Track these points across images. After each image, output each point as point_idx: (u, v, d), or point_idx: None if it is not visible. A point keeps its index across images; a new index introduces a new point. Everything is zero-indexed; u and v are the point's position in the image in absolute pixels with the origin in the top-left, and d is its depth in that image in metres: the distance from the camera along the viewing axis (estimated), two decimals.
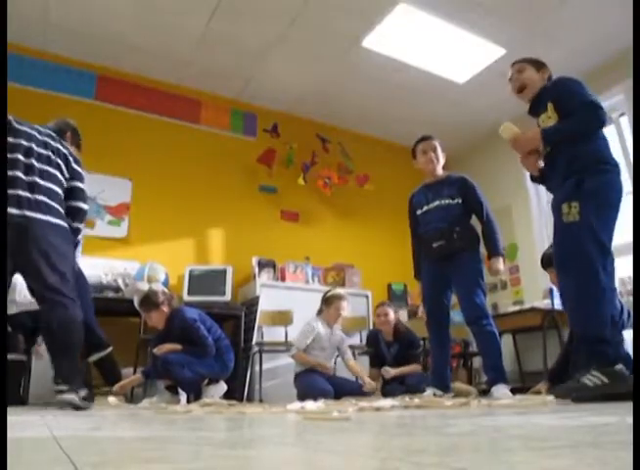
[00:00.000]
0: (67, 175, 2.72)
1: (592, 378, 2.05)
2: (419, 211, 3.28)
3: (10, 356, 3.02)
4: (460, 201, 3.15)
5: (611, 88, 4.68)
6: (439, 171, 3.29)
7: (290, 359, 3.88)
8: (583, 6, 4.09)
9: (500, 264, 3.08)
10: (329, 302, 3.87)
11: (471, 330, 3.07)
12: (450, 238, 3.07)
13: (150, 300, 3.41)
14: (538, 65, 2.64)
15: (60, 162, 2.69)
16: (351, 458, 0.72)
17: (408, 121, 5.82)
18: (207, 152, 5.22)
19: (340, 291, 3.99)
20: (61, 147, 2.75)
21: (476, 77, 5.00)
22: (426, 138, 3.34)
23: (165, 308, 3.39)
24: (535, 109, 2.58)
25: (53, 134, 2.77)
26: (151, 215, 4.73)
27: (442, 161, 3.30)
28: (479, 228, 3.19)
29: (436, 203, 3.19)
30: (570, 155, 2.35)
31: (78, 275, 2.94)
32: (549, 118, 2.45)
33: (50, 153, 2.66)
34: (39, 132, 2.69)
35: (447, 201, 3.15)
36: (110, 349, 3.29)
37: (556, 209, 2.35)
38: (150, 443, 0.96)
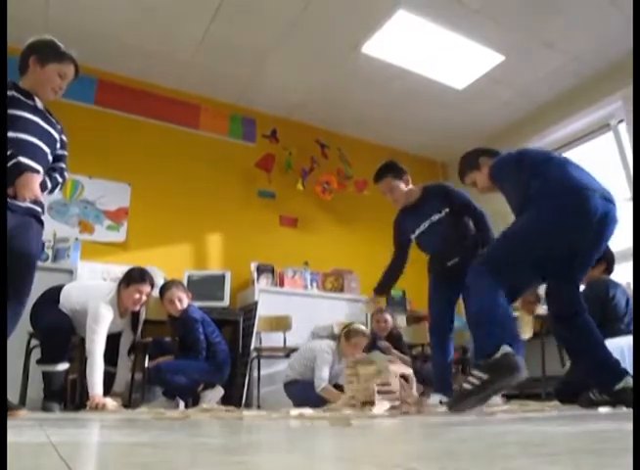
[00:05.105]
0: None
1: None
2: (412, 236, 3.23)
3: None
4: (448, 210, 3.09)
5: (609, 95, 4.70)
6: (411, 198, 3.22)
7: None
8: (582, 13, 4.11)
9: None
10: (350, 335, 3.62)
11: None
12: (465, 254, 2.95)
13: (181, 283, 3.70)
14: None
15: None
16: (350, 464, 0.72)
17: (407, 127, 5.84)
18: (206, 157, 5.22)
19: (362, 327, 3.75)
20: None
21: (474, 83, 5.01)
22: (375, 179, 3.28)
23: (190, 296, 3.58)
24: None
25: None
26: (150, 220, 4.72)
27: (405, 188, 3.21)
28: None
29: (427, 222, 3.13)
30: None
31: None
32: None
33: None
34: None
35: (436, 216, 3.10)
36: None
37: None
38: (148, 448, 0.95)
